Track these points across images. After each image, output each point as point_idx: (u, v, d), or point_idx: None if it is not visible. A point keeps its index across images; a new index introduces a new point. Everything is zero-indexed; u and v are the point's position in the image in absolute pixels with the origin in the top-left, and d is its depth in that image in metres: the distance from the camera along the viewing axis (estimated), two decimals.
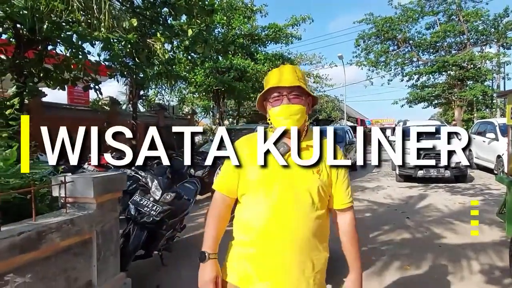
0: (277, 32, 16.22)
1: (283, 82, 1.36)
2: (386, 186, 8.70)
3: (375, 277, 3.36)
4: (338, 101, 30.84)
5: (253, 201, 1.37)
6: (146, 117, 13.12)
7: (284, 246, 1.30)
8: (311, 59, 27.49)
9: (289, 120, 1.35)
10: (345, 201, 1.39)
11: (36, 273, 1.85)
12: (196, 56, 9.26)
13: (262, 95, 1.44)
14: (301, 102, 1.37)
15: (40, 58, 7.81)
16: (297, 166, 1.32)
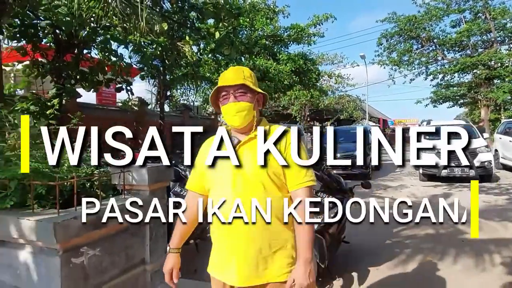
0: (299, 33, 16.37)
1: (229, 81, 1.46)
2: (410, 185, 8.75)
3: (398, 267, 3.55)
4: (360, 101, 30.62)
5: (212, 193, 1.50)
6: (172, 117, 13.57)
7: (236, 231, 1.40)
8: (332, 59, 27.49)
9: (236, 117, 1.45)
10: (295, 182, 1.42)
11: (104, 248, 2.16)
12: (222, 57, 9.59)
13: (214, 94, 1.54)
14: (246, 99, 1.45)
15: (76, 61, 8.33)
16: (246, 156, 1.43)
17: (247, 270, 1.42)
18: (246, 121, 1.46)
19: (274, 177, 1.41)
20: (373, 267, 3.46)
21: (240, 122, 1.46)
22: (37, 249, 1.96)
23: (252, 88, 1.46)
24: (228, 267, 1.45)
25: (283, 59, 15.88)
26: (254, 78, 1.53)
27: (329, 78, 26.39)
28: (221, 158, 1.43)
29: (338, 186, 3.10)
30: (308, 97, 21.26)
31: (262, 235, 1.40)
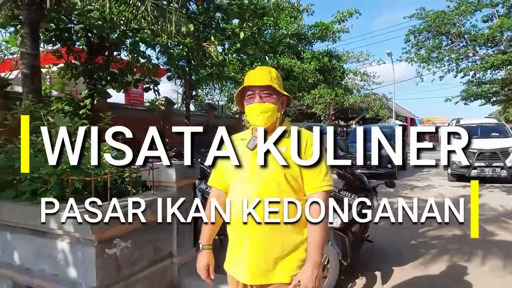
0: (323, 31, 16.23)
1: (256, 81, 1.47)
2: (437, 185, 8.53)
3: (423, 268, 3.51)
4: (386, 99, 29.98)
5: (231, 191, 1.53)
6: (197, 116, 13.82)
7: (249, 229, 1.41)
8: (358, 56, 27.07)
9: (260, 117, 1.46)
10: (312, 186, 1.42)
11: (134, 240, 2.28)
12: (246, 57, 9.68)
13: (239, 93, 1.55)
14: (272, 100, 1.47)
15: (107, 63, 8.66)
16: (265, 156, 1.42)
17: (256, 269, 1.43)
18: (269, 122, 1.48)
19: (291, 179, 1.42)
20: (397, 267, 3.44)
21: (264, 123, 1.47)
22: (74, 240, 2.10)
23: (277, 89, 1.48)
24: (240, 264, 1.47)
25: (307, 57, 15.81)
26: (280, 79, 1.54)
27: (354, 76, 26.02)
28: (241, 157, 1.46)
29: (361, 185, 3.10)
30: (332, 95, 21.05)
31: (274, 237, 1.41)
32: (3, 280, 2.36)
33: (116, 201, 1.85)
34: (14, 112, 2.76)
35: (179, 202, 2.68)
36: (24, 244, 2.30)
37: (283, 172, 1.41)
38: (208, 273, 1.58)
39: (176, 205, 2.72)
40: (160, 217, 2.27)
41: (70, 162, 1.65)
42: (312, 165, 1.41)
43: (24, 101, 2.95)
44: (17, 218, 2.29)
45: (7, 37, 7.36)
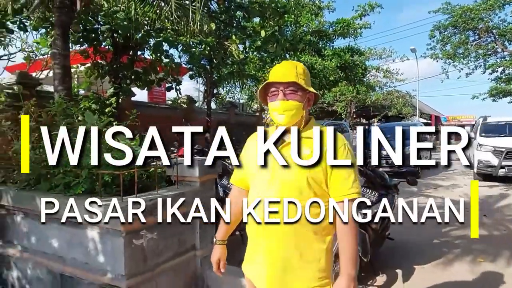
0: (345, 27, 16.04)
1: (280, 77, 1.39)
2: (463, 184, 8.31)
3: (445, 267, 3.46)
4: (410, 97, 29.33)
5: (250, 191, 1.49)
6: (219, 114, 13.98)
7: (268, 234, 1.37)
8: (380, 53, 26.60)
9: (283, 115, 1.38)
10: (339, 193, 1.34)
11: (160, 232, 2.38)
12: (267, 55, 9.72)
13: (262, 89, 1.48)
14: (296, 97, 1.38)
15: (132, 62, 8.90)
16: (288, 156, 1.35)
17: (275, 276, 1.38)
18: (294, 120, 1.40)
19: (313, 183, 1.34)
20: (419, 266, 3.41)
21: (287, 122, 1.39)
22: (104, 231, 2.21)
23: (303, 86, 1.39)
24: (258, 269, 1.44)
25: (328, 54, 15.66)
26: (307, 75, 1.44)
27: (376, 73, 25.60)
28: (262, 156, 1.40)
29: (382, 182, 3.10)
30: (354, 93, 20.79)
31: (292, 242, 1.35)
32: (38, 267, 2.51)
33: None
34: (47, 109, 2.92)
35: (201, 196, 2.79)
36: (57, 233, 2.44)
37: (306, 175, 1.33)
38: (218, 266, 1.61)
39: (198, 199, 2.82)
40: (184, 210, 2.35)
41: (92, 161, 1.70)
42: (340, 170, 1.33)
43: (56, 99, 3.11)
44: (24, 204, 2.44)
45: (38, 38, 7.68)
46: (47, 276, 2.45)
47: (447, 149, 1.42)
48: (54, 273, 2.43)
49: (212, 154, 1.53)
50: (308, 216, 1.32)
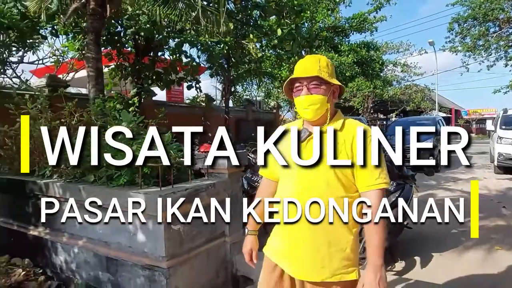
0: (361, 22, 15.99)
1: (303, 72, 1.42)
2: (482, 177, 8.29)
3: (463, 255, 3.58)
4: (429, 91, 28.84)
5: (280, 183, 1.54)
6: (236, 112, 14.20)
7: (298, 224, 1.39)
8: (397, 47, 26.27)
9: (308, 110, 1.42)
10: (366, 184, 1.37)
11: (193, 219, 2.61)
12: (283, 52, 9.87)
13: (287, 85, 1.51)
14: (320, 91, 1.41)
15: (153, 63, 9.23)
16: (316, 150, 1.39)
17: (303, 264, 1.42)
18: (319, 114, 1.43)
19: (341, 175, 1.37)
20: (437, 253, 3.54)
21: (312, 116, 1.43)
22: (146, 217, 2.46)
23: (326, 79, 1.42)
24: (286, 255, 1.48)
25: (345, 50, 15.68)
26: (330, 68, 1.47)
27: (394, 68, 25.30)
28: (291, 149, 1.43)
29: (400, 172, 3.24)
30: (371, 88, 20.66)
31: (322, 234, 1.39)
32: (86, 251, 2.78)
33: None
34: (88, 109, 3.20)
35: (230, 187, 3.01)
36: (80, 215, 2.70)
37: (333, 168, 1.37)
38: (250, 257, 1.66)
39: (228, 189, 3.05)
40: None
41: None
42: (367, 160, 1.35)
43: (96, 100, 3.39)
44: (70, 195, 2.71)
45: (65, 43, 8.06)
46: (94, 259, 2.72)
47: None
48: (100, 256, 2.69)
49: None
50: (337, 208, 1.35)
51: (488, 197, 6.16)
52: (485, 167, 9.74)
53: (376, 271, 1.32)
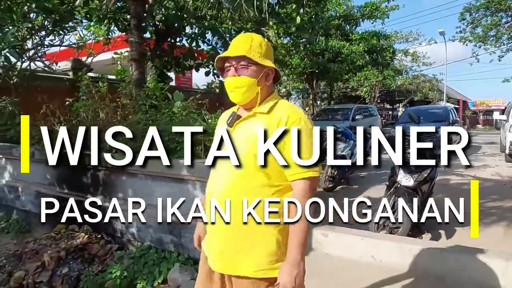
0: (373, 11, 16.01)
1: (231, 51, 1.32)
2: (494, 165, 8.52)
3: (483, 229, 3.86)
4: (437, 81, 28.86)
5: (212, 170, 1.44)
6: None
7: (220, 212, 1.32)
8: (407, 36, 26.23)
9: (234, 93, 1.33)
10: (291, 172, 1.27)
11: None
12: (300, 40, 10.02)
13: (219, 64, 1.42)
14: (248, 73, 1.31)
15: (172, 49, 9.43)
16: (241, 133, 1.33)
17: (225, 257, 1.36)
18: (247, 98, 1.33)
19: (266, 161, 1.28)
20: (459, 227, 3.81)
21: (239, 99, 1.34)
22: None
23: (256, 61, 1.31)
24: (210, 246, 1.43)
25: (356, 38, 15.74)
26: (264, 48, 1.35)
27: (403, 57, 25.31)
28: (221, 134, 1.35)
29: (431, 152, 3.49)
30: (379, 77, 20.74)
31: (244, 228, 1.30)
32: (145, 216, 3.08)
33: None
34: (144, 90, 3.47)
35: None
36: (163, 188, 3.00)
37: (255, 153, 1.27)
38: (198, 242, 1.58)
39: None
40: None
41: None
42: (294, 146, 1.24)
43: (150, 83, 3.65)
44: (158, 170, 2.99)
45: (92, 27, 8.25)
46: (156, 224, 3.03)
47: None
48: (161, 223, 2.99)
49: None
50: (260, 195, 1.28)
51: (501, 182, 6.42)
52: (495, 156, 9.96)
53: (293, 266, 1.24)
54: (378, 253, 2.85)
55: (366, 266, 2.84)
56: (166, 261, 2.82)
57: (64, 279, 3.04)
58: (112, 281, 2.81)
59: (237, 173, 1.29)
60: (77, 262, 3.20)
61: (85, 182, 3.62)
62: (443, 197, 1.91)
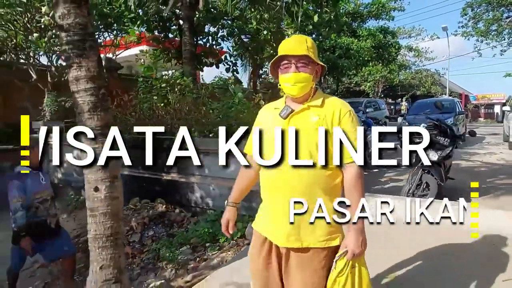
0: (380, 9, 16.60)
1: (292, 51, 1.47)
2: (499, 152, 9.15)
3: (495, 199, 4.54)
4: (439, 76, 29.42)
5: (266, 156, 1.50)
6: (262, 94, 15.04)
7: (282, 194, 1.45)
8: (409, 32, 26.77)
9: (295, 87, 1.47)
10: (345, 156, 1.41)
11: None
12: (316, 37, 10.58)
13: (274, 63, 1.55)
14: (307, 70, 1.47)
15: (195, 47, 10.07)
16: (298, 124, 1.45)
17: (289, 231, 1.46)
18: (304, 91, 1.49)
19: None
20: (474, 198, 4.48)
21: (297, 92, 1.49)
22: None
23: (313, 59, 1.49)
24: (272, 225, 1.53)
25: (364, 35, 16.33)
26: (315, 48, 1.53)
27: (406, 52, 25.86)
28: (274, 126, 1.47)
29: (451, 132, 4.17)
30: (383, 72, 21.32)
31: (305, 201, 1.42)
32: (218, 188, 3.73)
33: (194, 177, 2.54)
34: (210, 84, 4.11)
35: None
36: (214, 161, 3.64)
37: (316, 139, 1.41)
38: (226, 227, 1.70)
39: None
40: None
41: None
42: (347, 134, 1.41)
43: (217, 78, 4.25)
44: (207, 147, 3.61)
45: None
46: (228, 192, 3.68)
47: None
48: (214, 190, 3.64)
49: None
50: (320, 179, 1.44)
51: (507, 165, 7.08)
52: (499, 145, 10.60)
53: (358, 233, 1.43)
54: None
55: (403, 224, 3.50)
56: (240, 221, 3.45)
57: (152, 239, 3.70)
58: (196, 237, 3.46)
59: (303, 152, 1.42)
60: (159, 227, 3.86)
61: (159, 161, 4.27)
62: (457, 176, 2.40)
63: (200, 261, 3.23)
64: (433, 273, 2.64)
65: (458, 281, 2.52)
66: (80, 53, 2.13)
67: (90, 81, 2.16)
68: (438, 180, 3.77)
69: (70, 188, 5.55)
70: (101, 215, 2.25)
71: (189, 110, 4.13)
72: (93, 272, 2.27)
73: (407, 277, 2.59)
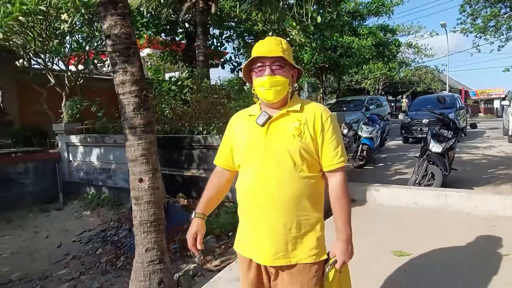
0: (379, 6, 16.83)
1: (266, 52, 1.36)
2: (499, 145, 9.41)
3: (495, 187, 4.80)
4: (438, 72, 29.69)
5: (242, 169, 1.43)
6: None
7: (267, 209, 1.35)
8: (408, 29, 27.04)
9: (270, 91, 1.36)
10: (331, 162, 1.37)
11: None
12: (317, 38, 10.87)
13: (247, 65, 1.44)
14: (283, 73, 1.37)
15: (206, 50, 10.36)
16: (277, 131, 1.37)
17: (276, 249, 1.37)
18: (280, 96, 1.38)
19: (305, 154, 1.35)
20: (476, 186, 4.75)
21: (273, 97, 1.38)
22: None
23: (289, 62, 1.39)
24: (256, 244, 1.41)
25: (364, 33, 16.56)
26: (290, 51, 1.44)
27: (405, 50, 26.11)
28: (251, 135, 1.41)
29: (454, 126, 4.43)
30: (384, 70, 21.54)
31: (291, 214, 1.35)
32: None
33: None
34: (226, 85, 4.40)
35: None
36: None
37: (298, 147, 1.34)
38: (194, 241, 1.50)
39: None
40: None
41: None
42: (329, 139, 1.37)
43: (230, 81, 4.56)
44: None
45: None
46: None
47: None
48: None
49: None
50: (305, 189, 1.35)
51: (506, 157, 7.34)
52: (499, 139, 10.86)
53: (347, 242, 1.38)
54: (420, 200, 3.80)
55: (411, 209, 3.79)
56: None
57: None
58: (219, 227, 3.73)
59: (281, 169, 1.33)
60: None
61: (180, 159, 4.54)
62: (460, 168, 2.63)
63: (225, 248, 3.51)
64: (443, 250, 2.91)
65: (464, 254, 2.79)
66: (125, 59, 2.41)
67: (134, 84, 2.44)
68: (443, 170, 4.05)
69: (92, 187, 5.84)
70: (145, 203, 2.52)
71: (207, 109, 4.40)
72: (139, 254, 2.54)
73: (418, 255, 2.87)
